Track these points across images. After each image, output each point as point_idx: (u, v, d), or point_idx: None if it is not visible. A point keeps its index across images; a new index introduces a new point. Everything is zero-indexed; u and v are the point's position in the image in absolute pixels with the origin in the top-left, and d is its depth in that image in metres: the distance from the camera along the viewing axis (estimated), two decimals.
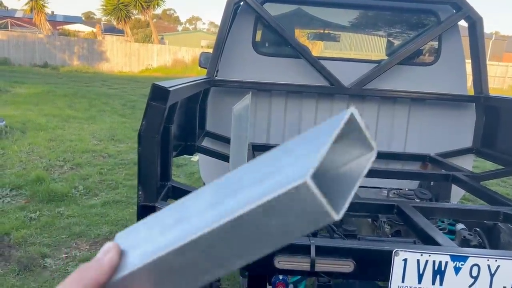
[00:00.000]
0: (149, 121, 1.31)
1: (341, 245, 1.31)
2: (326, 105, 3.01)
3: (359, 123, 0.39)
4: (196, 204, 0.40)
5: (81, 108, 10.16)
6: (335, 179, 0.41)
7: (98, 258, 0.44)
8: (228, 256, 0.38)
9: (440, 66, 3.00)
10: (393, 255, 1.28)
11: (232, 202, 0.36)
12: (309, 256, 1.27)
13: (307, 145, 0.38)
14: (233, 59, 2.98)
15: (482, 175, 2.46)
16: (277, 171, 0.36)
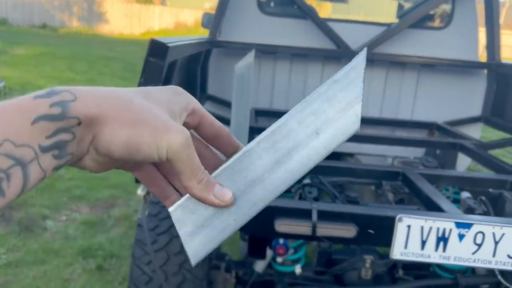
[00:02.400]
0: (147, 78, 1.24)
1: (343, 210, 1.27)
2: (332, 69, 2.92)
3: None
4: (261, 163, 0.42)
5: (81, 70, 10.01)
6: None
7: None
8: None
9: (452, 30, 2.89)
10: (396, 221, 1.25)
11: (300, 160, 0.42)
12: (310, 221, 1.24)
13: (342, 94, 0.43)
14: (237, 19, 2.87)
15: (490, 144, 2.41)
16: (328, 123, 0.42)
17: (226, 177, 0.42)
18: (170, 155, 0.38)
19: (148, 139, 0.36)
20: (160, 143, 0.37)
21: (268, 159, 0.42)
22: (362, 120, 1.59)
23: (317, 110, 0.43)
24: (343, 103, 0.43)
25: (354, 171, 1.77)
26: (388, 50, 2.82)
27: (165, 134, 0.37)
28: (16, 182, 0.32)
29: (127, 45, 17.56)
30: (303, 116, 0.42)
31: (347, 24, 2.94)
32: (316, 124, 0.42)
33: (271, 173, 0.42)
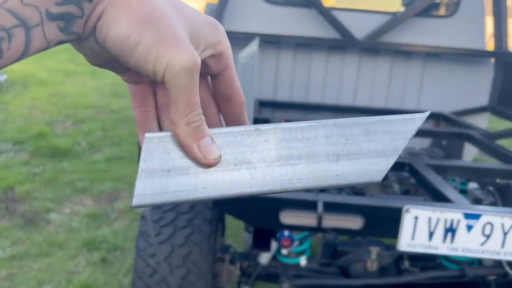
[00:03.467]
0: None
1: (349, 201, 1.24)
2: (337, 59, 2.88)
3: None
4: (265, 149, 0.38)
5: (83, 62, 9.96)
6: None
7: None
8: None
9: (458, 19, 2.84)
10: (403, 212, 1.22)
11: (305, 172, 0.38)
12: (316, 212, 1.21)
13: (384, 137, 0.41)
14: (239, 8, 2.83)
15: (497, 134, 2.37)
16: (354, 156, 0.39)
17: (223, 140, 0.36)
18: (168, 76, 0.32)
19: (149, 44, 0.31)
20: (161, 55, 0.31)
21: (275, 151, 0.38)
22: (368, 111, 1.59)
23: (351, 136, 0.39)
24: (380, 146, 0.40)
25: None
26: (393, 39, 2.78)
27: (171, 47, 0.31)
28: (17, 44, 0.29)
29: None
30: (334, 133, 0.39)
31: (351, 13, 2.89)
32: (342, 148, 0.39)
33: (268, 166, 0.37)
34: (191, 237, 1.65)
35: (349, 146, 0.39)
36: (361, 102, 2.96)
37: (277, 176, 0.38)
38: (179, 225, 1.70)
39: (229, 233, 2.95)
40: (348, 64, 2.89)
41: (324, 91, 2.95)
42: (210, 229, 1.72)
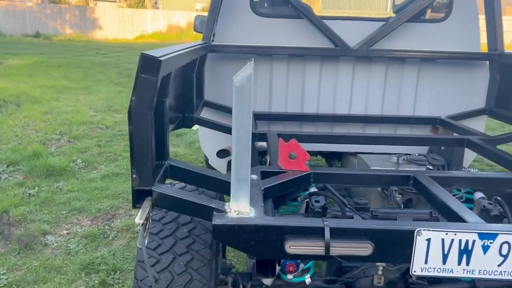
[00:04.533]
0: (140, 96, 1.16)
1: (357, 226, 1.19)
2: (331, 68, 2.84)
3: None
4: None
5: (76, 78, 9.91)
6: None
7: None
8: None
9: (451, 22, 2.80)
10: (415, 234, 1.17)
11: None
12: (323, 239, 1.16)
13: None
14: (230, 21, 2.79)
15: (499, 138, 2.33)
16: None
17: None
18: None
19: None
20: None
21: None
22: (364, 119, 1.58)
23: None
24: None
25: (363, 177, 1.70)
26: (386, 46, 2.75)
27: None
28: None
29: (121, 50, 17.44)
30: None
31: (343, 21, 2.86)
32: None
33: None
34: (191, 263, 1.59)
35: None
36: (357, 110, 2.92)
37: None
38: (178, 251, 1.65)
39: (230, 249, 2.88)
40: (342, 73, 2.86)
41: (319, 101, 2.90)
42: (210, 254, 1.66)
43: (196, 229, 1.75)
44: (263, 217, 1.20)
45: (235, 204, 1.21)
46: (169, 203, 1.30)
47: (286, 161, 1.64)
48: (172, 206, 1.36)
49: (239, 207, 1.21)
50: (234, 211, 1.22)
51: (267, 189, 1.47)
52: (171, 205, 1.36)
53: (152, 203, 1.25)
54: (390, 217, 1.78)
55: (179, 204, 1.28)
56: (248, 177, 1.18)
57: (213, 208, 1.23)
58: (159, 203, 1.27)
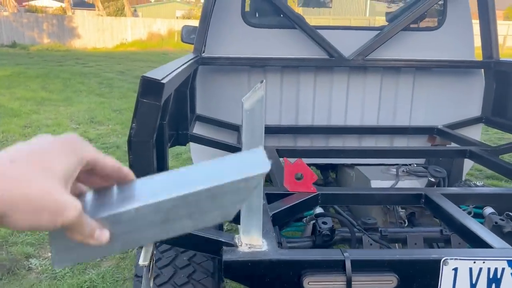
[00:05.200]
0: (141, 123, 1.06)
1: (380, 257, 1.11)
2: (325, 79, 2.77)
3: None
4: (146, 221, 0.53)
5: (56, 89, 9.67)
6: None
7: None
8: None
9: (446, 30, 2.77)
10: (441, 264, 1.09)
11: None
12: (344, 273, 1.07)
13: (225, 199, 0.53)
14: (221, 32, 2.70)
15: (501, 149, 2.29)
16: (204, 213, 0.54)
17: (112, 221, 0.49)
18: (66, 226, 0.47)
19: (47, 222, 0.45)
20: (57, 223, 0.45)
21: (155, 219, 0.52)
22: (360, 130, 1.52)
23: (201, 202, 0.52)
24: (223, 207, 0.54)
25: (373, 197, 1.62)
26: (381, 55, 2.69)
27: (60, 216, 0.45)
28: None
29: (101, 59, 17.16)
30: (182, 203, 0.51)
31: (336, 31, 2.80)
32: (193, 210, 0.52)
33: (150, 228, 0.53)
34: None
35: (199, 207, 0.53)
36: (352, 121, 2.85)
37: (158, 232, 0.55)
38: (178, 282, 1.54)
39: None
40: (337, 83, 2.79)
41: (314, 112, 2.83)
42: (213, 283, 1.56)
43: (197, 257, 1.64)
44: (278, 251, 1.11)
45: (246, 237, 1.11)
46: (173, 238, 1.19)
47: (292, 182, 1.55)
48: (176, 241, 1.25)
49: (251, 240, 1.12)
50: (246, 244, 1.12)
51: (276, 214, 1.38)
52: (175, 240, 1.25)
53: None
54: (400, 237, 1.71)
55: (184, 239, 1.17)
56: (260, 207, 1.09)
57: (222, 242, 1.13)
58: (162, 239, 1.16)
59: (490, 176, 4.75)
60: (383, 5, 3.40)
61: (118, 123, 6.92)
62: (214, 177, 0.52)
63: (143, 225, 0.52)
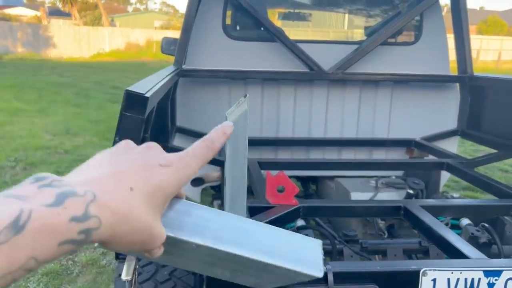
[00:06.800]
0: (124, 137, 1.04)
1: (361, 269, 1.12)
2: (305, 92, 2.80)
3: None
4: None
5: (30, 99, 9.47)
6: None
7: (213, 139, 0.53)
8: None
9: (422, 45, 2.85)
10: (420, 275, 1.12)
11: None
12: (326, 285, 1.08)
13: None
14: (202, 45, 2.70)
15: (476, 161, 2.35)
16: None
17: (170, 242, 0.50)
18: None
19: (138, 249, 0.46)
20: (144, 251, 0.47)
21: (204, 259, 0.54)
22: (339, 142, 1.57)
23: (250, 267, 0.53)
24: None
25: (354, 209, 1.64)
26: (360, 69, 2.75)
27: (149, 246, 0.46)
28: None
29: (78, 69, 16.94)
30: (242, 261, 0.52)
31: (316, 45, 2.84)
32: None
33: (194, 262, 0.55)
34: None
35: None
36: (332, 133, 2.89)
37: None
38: None
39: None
40: (317, 96, 2.83)
41: (295, 125, 2.86)
42: None
43: (177, 271, 1.62)
44: None
45: None
46: None
47: (274, 194, 1.55)
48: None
49: None
50: None
51: None
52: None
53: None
54: (380, 249, 1.73)
55: None
56: None
57: None
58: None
59: (466, 188, 4.86)
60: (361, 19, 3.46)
61: (95, 134, 6.82)
62: (275, 251, 0.52)
63: (190, 257, 0.53)
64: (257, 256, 0.51)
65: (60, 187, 0.39)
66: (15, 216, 0.35)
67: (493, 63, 25.64)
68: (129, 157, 0.46)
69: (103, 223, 0.40)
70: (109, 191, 0.42)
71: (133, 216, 0.43)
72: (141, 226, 0.43)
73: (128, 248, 0.45)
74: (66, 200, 0.38)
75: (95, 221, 0.39)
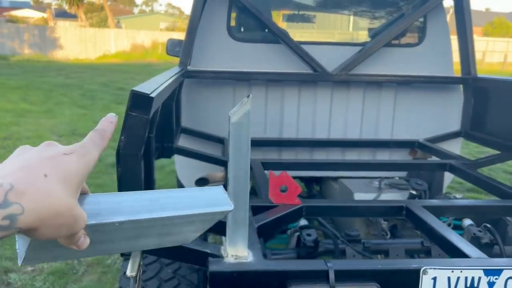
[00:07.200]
0: (129, 136, 1.07)
1: (362, 267, 1.14)
2: (309, 93, 2.82)
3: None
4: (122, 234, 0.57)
5: (37, 100, 9.55)
6: None
7: (102, 129, 0.59)
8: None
9: (425, 46, 2.86)
10: (421, 273, 1.13)
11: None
12: (328, 283, 1.09)
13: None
14: (206, 46, 2.73)
15: (479, 162, 2.36)
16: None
17: (94, 229, 0.52)
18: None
19: (64, 233, 0.49)
20: (69, 234, 0.50)
21: (129, 234, 0.57)
22: (343, 143, 1.58)
23: (172, 225, 0.59)
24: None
25: (356, 209, 1.65)
26: (364, 70, 2.76)
27: (73, 228, 0.49)
28: None
29: (84, 71, 17.04)
30: (163, 222, 0.57)
31: (320, 46, 2.86)
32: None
33: (122, 241, 0.57)
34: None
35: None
36: (336, 134, 2.90)
37: (131, 244, 0.60)
38: None
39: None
40: (321, 97, 2.84)
41: (299, 126, 2.88)
42: None
43: (181, 269, 1.64)
44: (263, 262, 1.13)
45: (232, 248, 1.13)
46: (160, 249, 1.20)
47: (277, 194, 1.57)
48: (163, 252, 1.26)
49: (237, 251, 1.13)
50: (231, 255, 1.13)
51: (261, 226, 1.40)
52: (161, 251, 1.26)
53: (141, 251, 1.15)
54: (382, 249, 1.74)
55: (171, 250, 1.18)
56: (246, 219, 1.11)
57: (208, 254, 1.14)
58: (149, 250, 1.17)
59: (470, 189, 4.85)
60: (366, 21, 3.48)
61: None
62: (186, 205, 0.58)
63: (118, 237, 0.56)
64: (175, 212, 0.56)
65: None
66: None
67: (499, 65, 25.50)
68: (33, 153, 0.50)
69: (25, 208, 0.43)
70: (25, 180, 0.45)
71: (53, 199, 0.46)
72: (62, 208, 0.46)
73: (55, 232, 0.47)
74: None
75: (17, 207, 0.42)
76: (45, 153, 0.50)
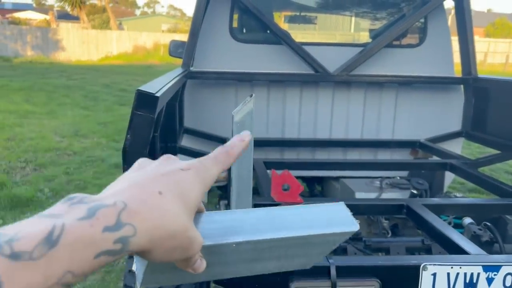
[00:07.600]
0: (135, 134, 1.10)
1: (363, 263, 1.16)
2: (310, 93, 2.85)
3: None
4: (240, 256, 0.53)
5: (40, 102, 9.59)
6: None
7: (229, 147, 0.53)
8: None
9: (426, 47, 2.88)
10: (421, 269, 1.15)
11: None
12: (329, 279, 1.12)
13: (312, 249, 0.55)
14: (209, 47, 2.76)
15: (480, 162, 2.38)
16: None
17: (211, 251, 0.49)
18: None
19: (177, 257, 0.45)
20: (183, 257, 0.46)
21: (247, 256, 0.53)
22: (344, 143, 1.60)
23: (293, 247, 0.54)
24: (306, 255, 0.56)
25: (357, 207, 1.67)
26: (365, 71, 2.78)
27: (188, 251, 0.46)
28: None
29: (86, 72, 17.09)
30: (283, 243, 0.52)
31: (321, 47, 2.89)
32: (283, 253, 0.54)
33: (239, 264, 0.54)
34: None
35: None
36: (337, 134, 2.93)
37: (248, 269, 0.55)
38: None
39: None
40: (322, 98, 2.87)
41: (300, 126, 2.90)
42: None
43: None
44: None
45: None
46: None
47: (279, 192, 1.59)
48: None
49: None
50: None
51: None
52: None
53: None
54: (383, 247, 1.76)
55: None
56: None
57: None
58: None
59: (472, 190, 4.86)
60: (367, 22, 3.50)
61: (103, 136, 6.90)
62: (307, 225, 0.53)
63: (234, 260, 0.53)
64: (298, 232, 0.52)
65: (90, 202, 0.39)
66: (48, 231, 0.35)
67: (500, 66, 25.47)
68: (149, 169, 0.47)
69: (138, 229, 0.40)
70: (139, 198, 0.42)
71: (168, 219, 0.43)
72: (177, 229, 0.43)
73: (169, 255, 0.44)
74: (97, 212, 0.38)
75: (129, 228, 0.39)
76: (161, 168, 0.47)
